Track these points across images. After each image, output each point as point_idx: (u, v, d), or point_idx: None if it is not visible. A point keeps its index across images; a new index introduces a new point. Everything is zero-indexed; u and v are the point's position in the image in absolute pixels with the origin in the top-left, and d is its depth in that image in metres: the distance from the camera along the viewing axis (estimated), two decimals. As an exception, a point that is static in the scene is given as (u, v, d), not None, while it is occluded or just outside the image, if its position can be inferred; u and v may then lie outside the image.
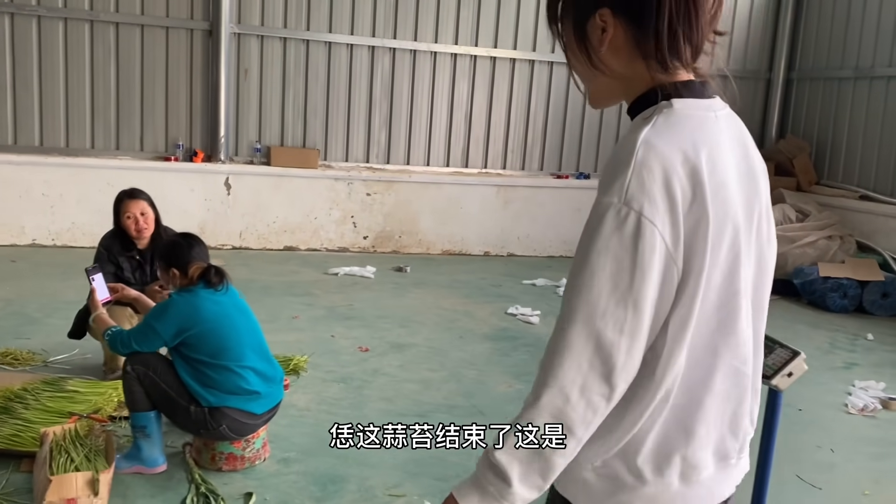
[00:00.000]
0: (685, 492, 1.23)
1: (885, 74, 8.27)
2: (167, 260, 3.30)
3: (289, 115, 8.39)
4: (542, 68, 8.98)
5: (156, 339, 3.18)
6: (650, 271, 1.12)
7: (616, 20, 1.20)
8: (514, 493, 1.16)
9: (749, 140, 1.29)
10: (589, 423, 1.16)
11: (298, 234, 8.33)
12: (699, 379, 1.22)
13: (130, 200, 4.16)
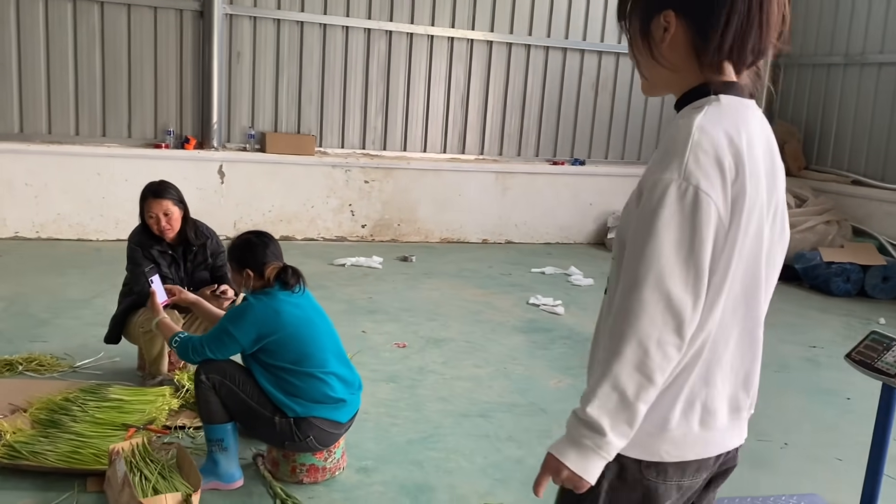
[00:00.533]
0: (704, 436, 1.43)
1: (875, 61, 8.40)
2: (241, 261, 3.08)
3: (283, 100, 8.09)
4: (538, 53, 8.86)
5: (233, 346, 2.97)
6: (708, 237, 1.31)
7: (678, 21, 1.38)
8: (609, 442, 1.32)
9: (774, 142, 1.48)
10: (664, 371, 1.33)
11: (295, 224, 8.07)
12: (723, 337, 1.41)
13: (154, 200, 3.88)
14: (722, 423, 1.44)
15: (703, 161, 1.31)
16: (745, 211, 1.34)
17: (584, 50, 8.99)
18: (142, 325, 3.82)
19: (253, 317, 2.95)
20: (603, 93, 9.18)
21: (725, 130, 1.35)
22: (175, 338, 3.09)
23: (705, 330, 1.37)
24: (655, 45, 1.42)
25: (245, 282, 3.08)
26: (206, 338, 3.01)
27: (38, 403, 3.45)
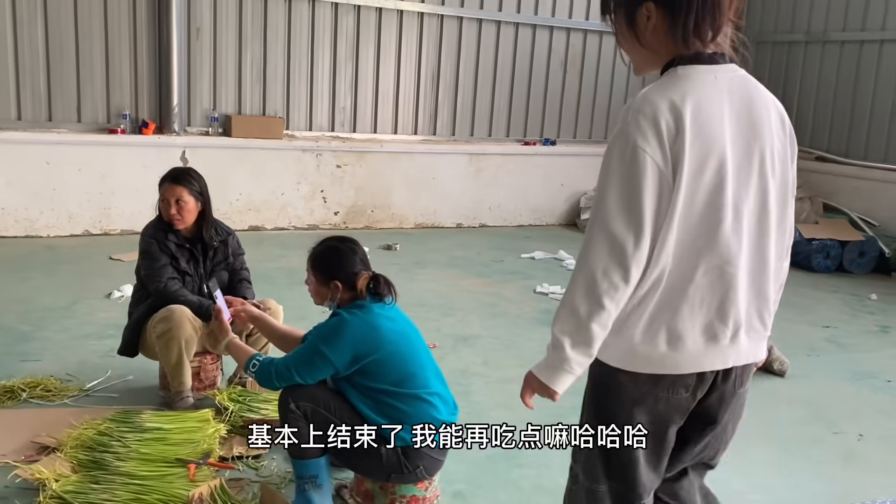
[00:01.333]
0: (672, 355, 1.68)
1: (838, 39, 8.55)
2: (328, 271, 2.71)
3: (246, 79, 7.53)
4: (508, 30, 8.59)
5: (326, 369, 2.61)
6: (645, 184, 1.58)
7: (657, 10, 1.66)
8: (570, 358, 1.63)
9: (756, 96, 1.70)
10: (612, 298, 1.60)
11: (264, 213, 7.56)
12: (683, 271, 1.65)
13: (169, 185, 3.52)
14: (694, 346, 1.68)
15: (641, 123, 1.58)
16: (688, 161, 1.58)
17: (553, 27, 8.78)
18: (155, 327, 3.40)
19: (349, 335, 2.59)
20: (571, 70, 9.01)
21: (669, 97, 1.61)
22: (252, 361, 2.70)
23: (659, 264, 1.63)
24: (641, 32, 1.69)
25: (331, 294, 2.72)
26: (293, 360, 2.64)
27: (70, 441, 2.97)
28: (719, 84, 1.65)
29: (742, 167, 1.65)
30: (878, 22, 8.16)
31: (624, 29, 1.71)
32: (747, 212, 1.68)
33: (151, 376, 3.82)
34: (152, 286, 3.50)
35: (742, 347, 1.72)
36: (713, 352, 1.70)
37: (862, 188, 8.10)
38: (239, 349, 2.84)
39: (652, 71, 1.74)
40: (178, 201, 3.48)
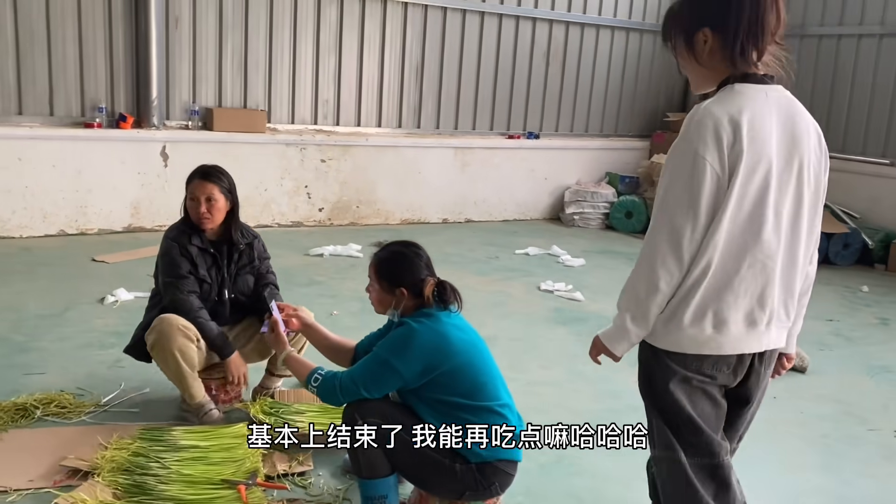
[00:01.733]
0: (717, 337, 1.91)
1: (816, 33, 8.66)
2: (394, 278, 2.56)
3: (227, 71, 7.25)
4: (492, 21, 8.46)
5: (394, 382, 2.46)
6: (703, 187, 1.84)
7: (713, 35, 1.91)
8: (630, 329, 1.95)
9: (798, 114, 1.94)
10: (667, 282, 1.89)
11: (247, 209, 7.26)
12: (731, 264, 1.88)
13: (200, 182, 3.32)
14: (736, 330, 1.91)
15: (703, 133, 1.84)
16: (744, 171, 1.83)
17: (535, 18, 8.68)
18: (147, 339, 3.20)
19: (419, 345, 2.44)
20: (554, 63, 8.94)
21: (727, 110, 1.85)
22: (314, 375, 2.53)
23: (707, 254, 1.86)
24: (699, 54, 1.95)
25: (396, 302, 2.57)
26: (359, 373, 2.48)
27: (106, 464, 2.76)
28: (769, 101, 1.89)
29: (784, 176, 1.89)
30: (855, 17, 8.29)
31: (684, 51, 1.98)
32: (786, 214, 1.90)
33: (170, 387, 3.58)
34: (170, 296, 3.27)
35: (773, 334, 1.98)
36: (752, 336, 1.94)
37: (841, 180, 8.19)
38: (298, 363, 2.67)
39: (708, 89, 1.98)
40: (209, 199, 3.28)
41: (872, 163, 8.10)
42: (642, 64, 9.53)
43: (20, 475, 2.76)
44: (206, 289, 3.34)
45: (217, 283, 3.37)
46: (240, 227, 3.43)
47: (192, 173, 3.36)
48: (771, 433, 3.58)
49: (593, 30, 9.10)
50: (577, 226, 8.60)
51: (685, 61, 1.98)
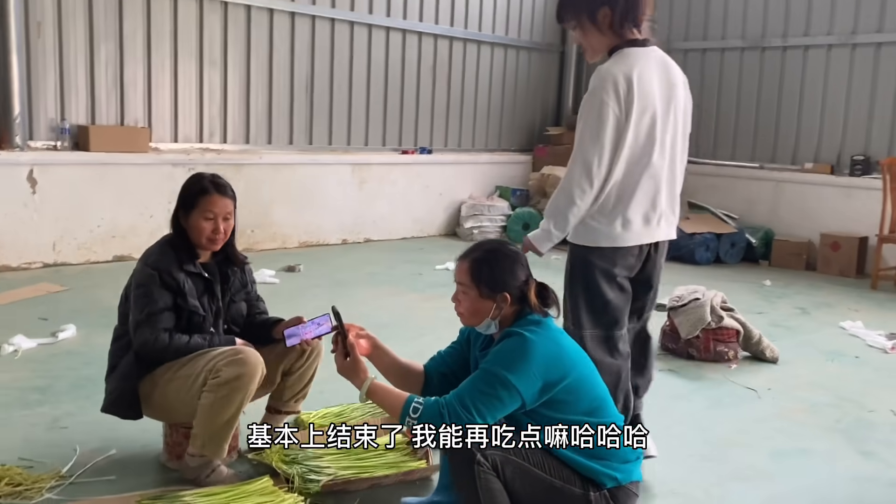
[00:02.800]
0: (624, 234, 2.61)
1: (681, 48, 9.16)
2: (495, 283, 2.18)
3: (100, 84, 6.40)
4: (379, 34, 8.16)
5: (512, 402, 2.09)
6: (607, 126, 2.50)
7: (610, 11, 2.54)
8: (552, 232, 2.63)
9: (672, 68, 2.65)
10: (581, 197, 2.55)
11: (132, 239, 6.45)
12: (631, 180, 2.58)
13: (216, 197, 2.72)
14: (637, 227, 2.61)
15: (606, 87, 2.48)
16: (636, 112, 2.50)
17: (420, 32, 8.50)
18: (216, 372, 2.60)
19: (537, 357, 2.10)
20: (440, 78, 8.79)
21: (622, 69, 2.49)
22: (411, 406, 2.10)
23: (614, 175, 2.55)
24: (601, 27, 2.57)
25: (496, 310, 2.20)
26: (469, 395, 2.08)
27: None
28: (650, 60, 2.57)
29: (665, 115, 2.59)
30: (717, 32, 8.85)
31: (589, 25, 2.58)
32: (668, 142, 2.62)
33: (139, 444, 2.98)
34: (140, 338, 2.64)
35: (663, 228, 2.70)
36: (648, 231, 2.65)
37: (718, 185, 8.71)
38: (387, 392, 2.20)
39: (601, 56, 2.63)
40: (226, 218, 2.72)
41: (744, 167, 8.64)
42: (520, 80, 9.62)
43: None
44: (197, 321, 2.75)
45: (212, 313, 2.80)
46: (234, 243, 2.89)
47: (201, 187, 2.72)
48: (798, 426, 3.55)
49: (475, 45, 9.06)
50: (476, 239, 8.41)
51: (589, 34, 2.59)
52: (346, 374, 2.25)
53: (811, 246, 7.82)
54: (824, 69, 8.05)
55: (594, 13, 2.55)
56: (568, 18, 2.64)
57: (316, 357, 2.95)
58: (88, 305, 4.99)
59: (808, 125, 8.21)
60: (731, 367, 4.39)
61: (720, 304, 4.53)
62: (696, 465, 3.09)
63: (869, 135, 7.80)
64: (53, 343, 4.23)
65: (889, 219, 6.86)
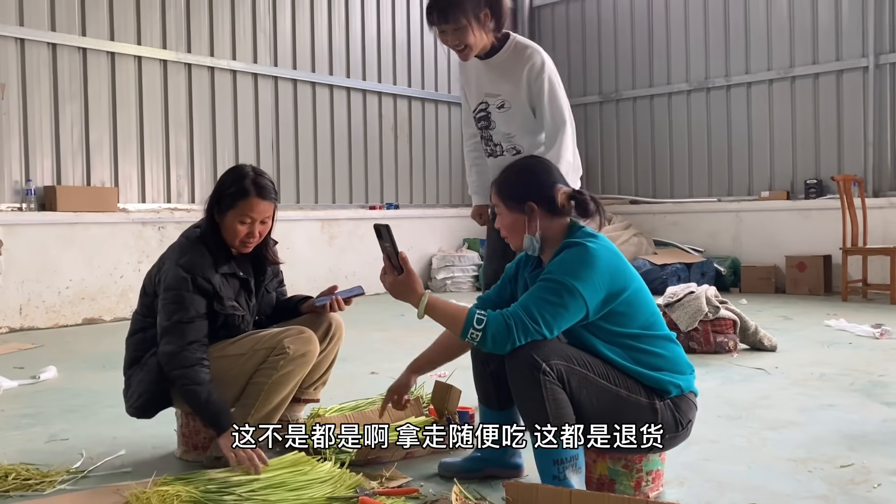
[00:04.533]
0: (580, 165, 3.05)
1: (630, 96, 9.56)
2: (518, 192, 2.14)
3: (66, 145, 6.31)
4: (340, 95, 8.32)
5: (577, 312, 2.02)
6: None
7: (490, 11, 2.80)
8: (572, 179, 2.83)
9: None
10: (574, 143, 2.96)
11: (101, 301, 6.23)
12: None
13: (257, 200, 2.52)
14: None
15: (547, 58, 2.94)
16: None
17: (380, 92, 8.69)
18: (287, 346, 2.49)
19: (601, 267, 2.04)
20: (401, 136, 8.94)
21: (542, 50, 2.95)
22: (475, 317, 2.01)
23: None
24: (485, 26, 2.81)
25: (529, 224, 2.15)
26: (535, 305, 2.00)
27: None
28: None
29: None
30: (663, 77, 9.28)
31: (476, 25, 2.78)
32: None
33: (150, 445, 2.79)
34: (164, 346, 2.45)
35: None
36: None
37: (679, 221, 8.94)
38: (447, 307, 2.09)
39: (479, 52, 2.88)
40: (264, 222, 2.58)
41: (703, 202, 8.89)
42: (477, 137, 9.84)
43: (30, 549, 1.89)
44: (235, 321, 2.60)
45: (249, 311, 2.68)
46: (270, 242, 2.77)
47: (241, 188, 2.52)
48: (816, 390, 3.54)
49: (432, 105, 9.30)
50: (449, 290, 8.44)
51: (475, 32, 2.78)
52: (399, 293, 2.13)
53: (778, 270, 8.01)
54: (768, 102, 8.47)
55: (478, 15, 2.76)
56: (449, 20, 2.74)
57: (338, 340, 2.86)
58: (65, 356, 4.75)
59: (760, 156, 8.56)
60: (734, 356, 4.39)
61: (714, 295, 4.56)
62: (728, 423, 3.03)
63: (818, 158, 8.16)
64: (35, 383, 3.99)
65: (850, 232, 7.10)
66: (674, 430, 2.08)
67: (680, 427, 2.09)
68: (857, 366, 4.06)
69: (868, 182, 7.75)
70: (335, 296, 2.71)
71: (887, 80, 7.72)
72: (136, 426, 2.96)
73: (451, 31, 2.74)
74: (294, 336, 2.53)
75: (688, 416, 2.11)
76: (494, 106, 2.92)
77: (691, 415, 2.13)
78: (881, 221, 7.44)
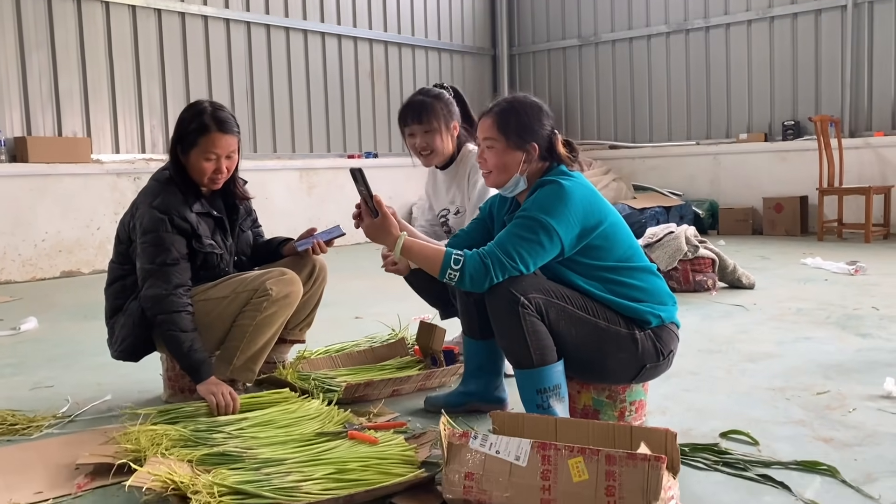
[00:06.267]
0: None
1: (609, 39, 9.47)
2: (523, 130, 2.12)
3: (34, 96, 6.16)
4: (315, 40, 8.16)
5: (552, 249, 2.04)
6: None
7: (458, 124, 2.87)
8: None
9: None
10: None
11: (79, 254, 6.17)
12: None
13: (218, 135, 2.48)
14: None
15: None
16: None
17: (356, 37, 8.54)
18: (269, 288, 2.50)
19: (575, 203, 2.05)
20: (378, 83, 8.82)
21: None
22: (452, 257, 2.02)
23: None
24: (451, 137, 2.85)
25: (523, 165, 2.15)
26: (510, 244, 2.02)
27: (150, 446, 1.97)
28: None
29: None
30: (641, 20, 9.19)
31: (444, 130, 2.80)
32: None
33: (136, 391, 2.79)
34: (150, 289, 2.42)
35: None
36: None
37: (658, 165, 8.96)
38: (423, 247, 2.09)
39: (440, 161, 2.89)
40: (229, 157, 2.53)
41: (681, 145, 8.90)
42: (455, 84, 9.70)
43: (21, 490, 1.89)
44: (214, 260, 2.58)
45: (227, 250, 2.66)
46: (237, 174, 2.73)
47: (201, 123, 2.48)
48: (792, 324, 3.61)
49: (409, 50, 9.16)
50: (430, 239, 8.43)
51: (443, 138, 2.79)
52: (375, 235, 2.15)
53: (755, 211, 8.09)
54: (746, 44, 8.43)
55: (448, 123, 2.78)
56: (426, 121, 2.75)
57: (322, 281, 2.86)
58: (45, 308, 4.72)
59: (738, 98, 8.55)
60: (713, 293, 4.45)
61: (693, 235, 4.60)
62: (707, 357, 3.09)
63: (795, 100, 8.17)
64: (16, 334, 3.96)
65: (826, 172, 7.15)
66: (655, 359, 2.12)
67: (661, 357, 2.13)
68: (832, 300, 4.14)
69: (844, 122, 7.79)
70: (315, 238, 2.70)
71: (865, 20, 7.70)
72: (121, 372, 2.97)
73: (420, 134, 2.77)
74: (276, 278, 2.53)
75: (669, 347, 2.15)
76: (451, 213, 2.94)
77: (672, 345, 2.16)
78: (857, 162, 7.51)
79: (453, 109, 2.82)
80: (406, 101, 2.84)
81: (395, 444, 1.98)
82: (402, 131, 2.86)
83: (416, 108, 2.78)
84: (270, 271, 2.58)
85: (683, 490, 1.76)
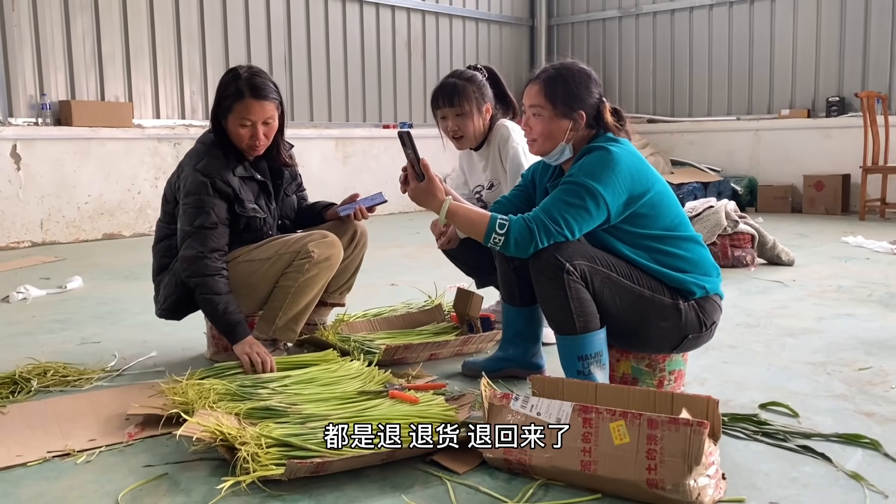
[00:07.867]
0: None
1: (650, 11, 9.31)
2: (571, 98, 2.10)
3: (78, 60, 6.25)
4: (353, 9, 8.14)
5: (599, 215, 2.03)
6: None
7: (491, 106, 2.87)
8: None
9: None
10: None
11: (120, 217, 6.28)
12: None
13: (253, 101, 2.48)
14: None
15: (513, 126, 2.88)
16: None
17: (394, 6, 8.50)
18: (311, 250, 2.52)
19: (623, 169, 2.04)
20: (415, 53, 8.79)
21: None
22: (497, 222, 2.02)
23: None
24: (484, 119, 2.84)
25: (569, 133, 2.14)
26: (555, 210, 2.01)
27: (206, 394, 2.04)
28: None
29: None
30: (685, -9, 9.01)
31: (475, 113, 2.80)
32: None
33: (179, 348, 2.87)
34: (187, 250, 2.46)
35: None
36: None
37: (697, 140, 8.83)
38: (469, 211, 2.11)
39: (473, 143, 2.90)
40: (266, 123, 2.52)
41: (721, 120, 8.76)
42: (493, 54, 9.67)
43: (75, 437, 1.96)
44: (257, 224, 2.61)
45: (270, 214, 2.69)
46: (283, 140, 2.75)
47: (235, 89, 2.49)
48: (833, 301, 3.57)
49: (447, 19, 9.10)
50: (464, 211, 8.44)
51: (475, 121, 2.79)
52: (421, 198, 2.16)
53: (795, 189, 7.95)
54: (792, 17, 8.23)
55: (481, 106, 2.76)
56: (458, 104, 2.73)
57: (363, 246, 2.89)
58: (89, 268, 4.83)
59: (781, 73, 8.37)
60: (751, 269, 4.41)
61: (733, 209, 4.55)
62: (745, 331, 3.07)
63: (841, 76, 7.98)
64: (63, 292, 4.07)
65: (871, 150, 7.00)
66: (697, 330, 2.12)
67: (704, 328, 2.12)
68: (874, 279, 4.08)
69: (892, 99, 7.60)
70: (358, 204, 2.72)
71: (918, -7, 7.47)
72: (165, 331, 3.04)
73: (452, 117, 2.75)
74: (318, 240, 2.56)
75: (712, 318, 2.14)
76: (485, 188, 2.93)
77: (716, 316, 2.15)
78: (903, 140, 7.33)
79: (486, 92, 2.79)
80: (438, 83, 2.81)
81: (436, 404, 2.01)
82: (434, 114, 2.85)
83: (449, 91, 2.75)
84: (312, 234, 2.61)
85: (723, 458, 1.77)
